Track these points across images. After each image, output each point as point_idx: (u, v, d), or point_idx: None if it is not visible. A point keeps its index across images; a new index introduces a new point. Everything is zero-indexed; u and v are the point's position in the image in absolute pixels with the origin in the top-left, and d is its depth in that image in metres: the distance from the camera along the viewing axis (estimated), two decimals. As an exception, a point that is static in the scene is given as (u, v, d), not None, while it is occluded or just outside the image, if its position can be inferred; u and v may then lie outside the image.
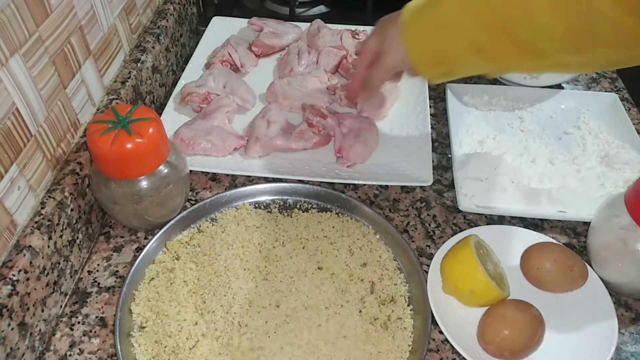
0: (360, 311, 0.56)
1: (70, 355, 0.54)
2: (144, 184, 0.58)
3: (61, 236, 0.55)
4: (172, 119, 0.76)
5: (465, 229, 0.65)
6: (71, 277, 0.58)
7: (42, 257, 0.52)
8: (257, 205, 0.67)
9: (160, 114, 0.73)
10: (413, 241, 0.65)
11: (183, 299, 0.56)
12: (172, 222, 0.62)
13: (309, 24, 0.93)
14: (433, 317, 0.54)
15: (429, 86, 0.82)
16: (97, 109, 0.67)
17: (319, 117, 0.73)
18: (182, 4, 0.91)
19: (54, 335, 0.55)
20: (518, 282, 0.58)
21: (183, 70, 0.84)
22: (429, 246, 0.64)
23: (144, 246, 0.60)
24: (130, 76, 0.71)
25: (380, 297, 0.57)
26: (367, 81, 0.65)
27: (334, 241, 0.62)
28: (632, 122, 0.77)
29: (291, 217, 0.66)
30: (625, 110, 0.79)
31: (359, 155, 0.71)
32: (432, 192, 0.70)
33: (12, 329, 0.48)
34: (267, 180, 0.69)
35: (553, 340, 0.54)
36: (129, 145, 0.53)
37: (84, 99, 0.64)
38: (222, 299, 0.56)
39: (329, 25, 0.92)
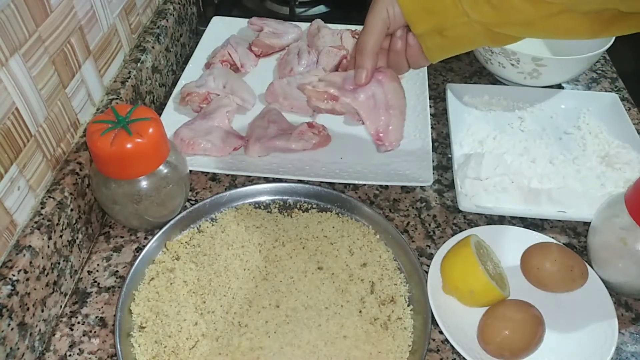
0: (360, 311, 0.56)
1: (70, 355, 0.54)
2: (144, 184, 0.58)
3: (61, 236, 0.55)
4: (172, 119, 0.76)
5: (465, 229, 0.65)
6: (71, 277, 0.58)
7: (42, 257, 0.52)
8: (257, 205, 0.67)
9: (160, 114, 0.73)
10: (413, 241, 0.65)
11: (183, 299, 0.56)
12: (172, 222, 0.62)
13: (309, 24, 0.93)
14: (433, 317, 0.54)
15: (429, 86, 0.82)
16: (97, 109, 0.67)
17: (330, 100, 0.59)
18: (182, 4, 0.91)
19: (53, 335, 0.55)
20: (518, 282, 0.58)
21: (183, 70, 0.84)
22: (429, 246, 0.64)
23: (144, 246, 0.60)
24: (130, 76, 0.71)
25: (380, 297, 0.57)
26: (358, 48, 0.55)
27: (334, 241, 0.62)
28: (632, 122, 0.77)
29: (291, 217, 0.66)
30: (626, 110, 0.79)
31: (399, 130, 0.59)
32: (432, 192, 0.70)
33: (12, 329, 0.48)
34: (267, 180, 0.69)
35: (553, 340, 0.54)
36: (128, 145, 0.53)
37: (83, 99, 0.64)
38: (222, 299, 0.56)
39: (329, 25, 0.92)
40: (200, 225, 0.64)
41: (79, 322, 0.56)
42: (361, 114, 0.58)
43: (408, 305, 0.57)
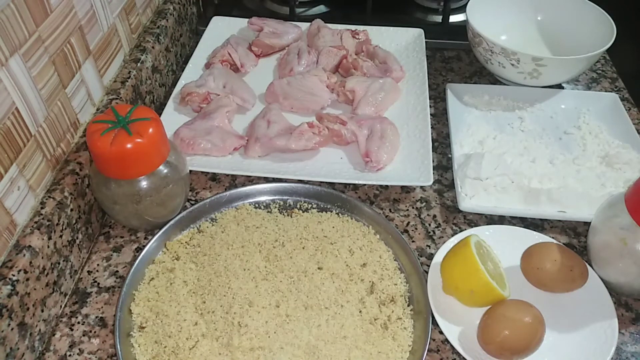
0: (360, 311, 0.56)
1: (70, 355, 0.54)
2: (144, 184, 0.58)
3: (61, 236, 0.55)
4: (172, 119, 0.76)
5: (465, 229, 0.65)
6: (71, 277, 0.58)
7: (42, 257, 0.52)
8: (257, 205, 0.67)
9: (160, 114, 0.73)
10: (413, 241, 0.65)
11: (183, 299, 0.56)
12: (172, 222, 0.62)
13: (309, 24, 0.93)
14: (433, 317, 0.54)
15: (429, 86, 0.82)
16: (97, 109, 0.67)
17: (339, 123, 0.72)
18: (182, 3, 0.91)
19: (53, 335, 0.55)
20: (518, 282, 0.58)
21: (183, 70, 0.84)
22: (429, 246, 0.64)
23: (144, 246, 0.60)
24: (130, 76, 0.71)
25: (380, 297, 0.57)
26: None
27: (334, 241, 0.62)
28: (632, 122, 0.77)
29: (291, 217, 0.66)
30: (626, 110, 0.79)
31: (388, 156, 0.70)
32: (432, 192, 0.70)
33: (12, 329, 0.48)
34: (267, 180, 0.69)
35: (553, 340, 0.54)
36: (128, 145, 0.53)
37: (83, 99, 0.64)
38: (222, 299, 0.56)
39: (329, 25, 0.92)
40: (200, 225, 0.64)
41: (79, 322, 0.56)
42: (358, 139, 0.71)
43: (408, 305, 0.57)
